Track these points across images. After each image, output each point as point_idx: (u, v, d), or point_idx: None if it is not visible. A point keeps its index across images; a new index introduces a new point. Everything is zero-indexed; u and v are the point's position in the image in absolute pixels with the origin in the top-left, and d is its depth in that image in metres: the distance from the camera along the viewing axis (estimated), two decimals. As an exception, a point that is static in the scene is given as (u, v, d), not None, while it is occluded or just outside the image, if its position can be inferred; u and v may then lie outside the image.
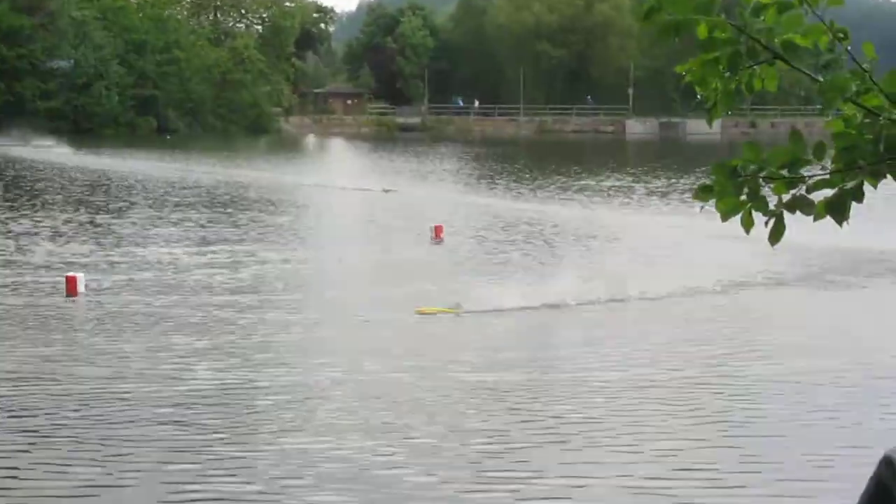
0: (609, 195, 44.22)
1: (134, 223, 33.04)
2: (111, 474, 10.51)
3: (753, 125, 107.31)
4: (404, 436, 11.74)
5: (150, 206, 38.34)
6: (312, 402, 13.10)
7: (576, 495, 10.07)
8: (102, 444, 11.40)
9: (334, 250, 28.19)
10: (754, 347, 16.45)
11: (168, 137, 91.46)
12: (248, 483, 10.25)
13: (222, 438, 11.61)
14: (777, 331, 17.70)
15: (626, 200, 42.15)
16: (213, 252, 26.84)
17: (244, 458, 10.96)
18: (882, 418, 12.47)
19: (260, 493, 10.01)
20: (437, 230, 29.69)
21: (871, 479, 1.97)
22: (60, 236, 29.54)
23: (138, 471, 10.58)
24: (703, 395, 13.66)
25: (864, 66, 2.82)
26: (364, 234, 32.23)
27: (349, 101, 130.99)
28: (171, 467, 10.68)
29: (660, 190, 46.34)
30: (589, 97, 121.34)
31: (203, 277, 22.79)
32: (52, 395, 13.44)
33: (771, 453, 11.27)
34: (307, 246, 28.95)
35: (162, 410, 12.67)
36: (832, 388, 13.94)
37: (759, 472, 10.72)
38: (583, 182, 50.20)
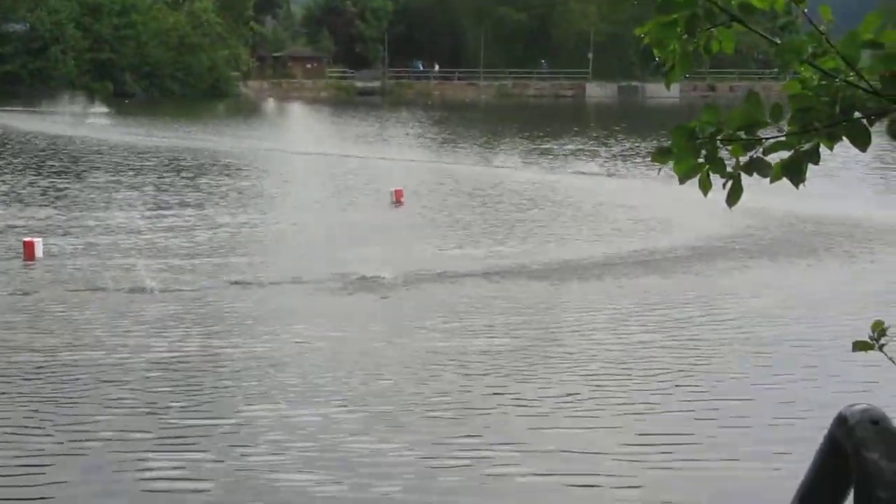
0: (571, 158, 44.28)
1: (92, 188, 32.80)
2: (64, 443, 10.45)
3: (713, 88, 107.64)
4: (365, 403, 11.75)
5: (109, 171, 38.06)
6: (273, 370, 13.07)
7: (536, 462, 10.10)
8: (57, 413, 11.34)
9: (293, 214, 28.09)
10: (715, 313, 16.54)
11: (126, 101, 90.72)
12: (205, 451, 10.22)
13: (182, 407, 11.57)
14: (737, 297, 17.79)
15: (589, 163, 42.20)
16: (173, 216, 26.73)
17: (204, 427, 10.94)
18: (840, 381, 12.58)
19: (218, 461, 9.98)
20: (398, 194, 29.66)
21: (826, 437, 1.99)
22: (18, 201, 29.31)
23: (94, 440, 10.53)
24: (666, 360, 13.74)
25: (821, 28, 2.82)
26: (323, 198, 32.11)
27: (308, 65, 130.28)
28: (128, 436, 10.62)
29: (622, 153, 46.45)
30: (543, 61, 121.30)
31: (162, 241, 22.71)
32: (9, 362, 13.36)
33: (732, 417, 11.37)
34: (266, 210, 28.81)
35: (120, 378, 12.63)
36: (792, 353, 14.07)
37: (719, 436, 10.83)
38: (545, 146, 50.23)
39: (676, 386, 12.53)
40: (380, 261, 19.57)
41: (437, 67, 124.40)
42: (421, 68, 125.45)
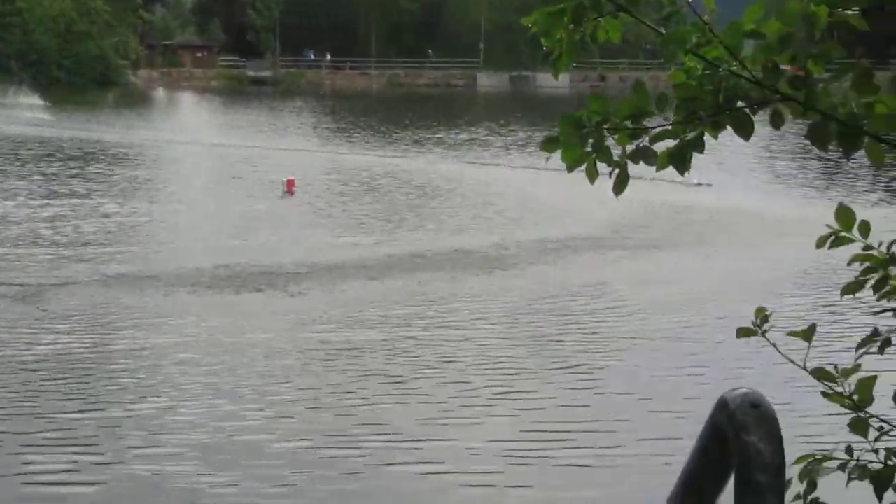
0: (464, 148, 44.36)
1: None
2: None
3: (603, 78, 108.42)
4: (256, 397, 11.67)
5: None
6: (162, 364, 12.90)
7: (430, 456, 10.11)
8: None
9: (183, 204, 27.78)
10: (608, 304, 16.69)
11: (11, 90, 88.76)
12: (99, 455, 10.02)
13: (71, 406, 11.34)
14: (629, 287, 17.98)
15: (481, 153, 42.32)
16: (60, 206, 26.26)
17: (93, 425, 10.75)
18: (728, 368, 12.77)
19: (109, 464, 9.80)
20: (289, 184, 29.48)
21: (707, 421, 2.02)
22: None
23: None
24: (561, 352, 13.84)
25: (705, 18, 2.85)
26: (214, 187, 31.78)
27: (198, 54, 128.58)
28: (12, 438, 10.41)
29: (515, 143, 46.59)
30: (430, 51, 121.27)
31: (47, 231, 22.31)
32: None
33: (624, 408, 11.50)
34: (156, 200, 28.43)
35: (16, 373, 12.38)
36: (682, 343, 14.27)
37: (613, 428, 10.96)
38: (438, 135, 50.23)
39: (571, 378, 12.62)
40: (269, 251, 19.44)
41: (328, 57, 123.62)
42: (312, 58, 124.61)
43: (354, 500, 9.06)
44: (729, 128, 2.88)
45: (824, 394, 3.08)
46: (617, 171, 2.95)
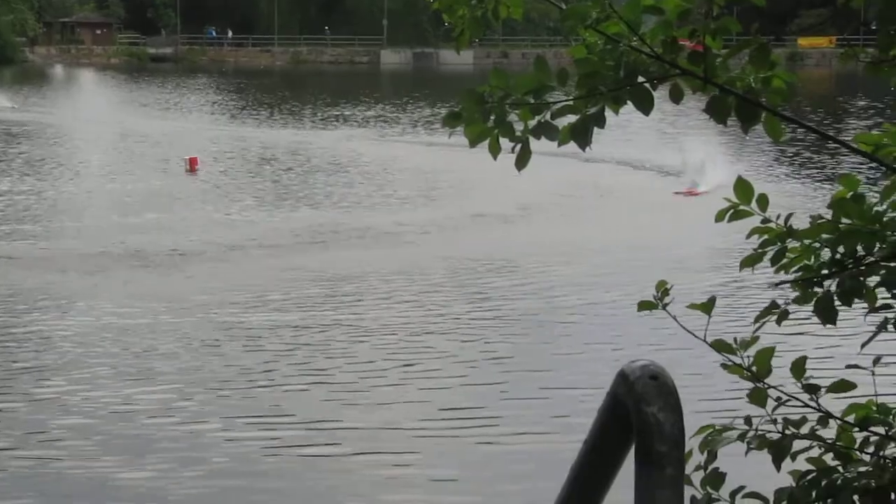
0: (370, 124, 44.23)
1: None
2: None
3: (505, 55, 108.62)
4: (159, 383, 11.50)
5: None
6: (62, 348, 12.67)
7: (343, 439, 10.08)
8: None
9: (81, 182, 27.39)
10: (518, 281, 16.73)
11: None
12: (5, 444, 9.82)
13: None
14: (540, 263, 18.05)
15: (387, 129, 42.25)
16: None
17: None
18: (632, 343, 12.85)
19: (5, 449, 9.63)
20: (192, 162, 29.18)
21: (608, 393, 2.03)
22: None
23: None
24: (472, 331, 13.83)
25: (605, -7, 2.86)
26: (114, 166, 31.32)
27: (98, 31, 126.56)
28: None
29: (421, 119, 46.51)
30: (327, 28, 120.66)
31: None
32: None
33: (536, 387, 11.56)
34: (53, 178, 27.97)
35: None
36: (589, 319, 14.39)
37: (522, 407, 11.02)
38: (345, 112, 49.99)
39: (482, 358, 12.61)
40: (169, 230, 19.24)
41: (230, 34, 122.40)
42: (214, 35, 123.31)
43: (261, 485, 9.01)
44: (629, 103, 2.90)
45: (724, 365, 3.12)
46: (519, 146, 2.96)
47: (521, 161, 2.97)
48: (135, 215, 21.61)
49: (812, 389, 3.08)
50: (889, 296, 3.06)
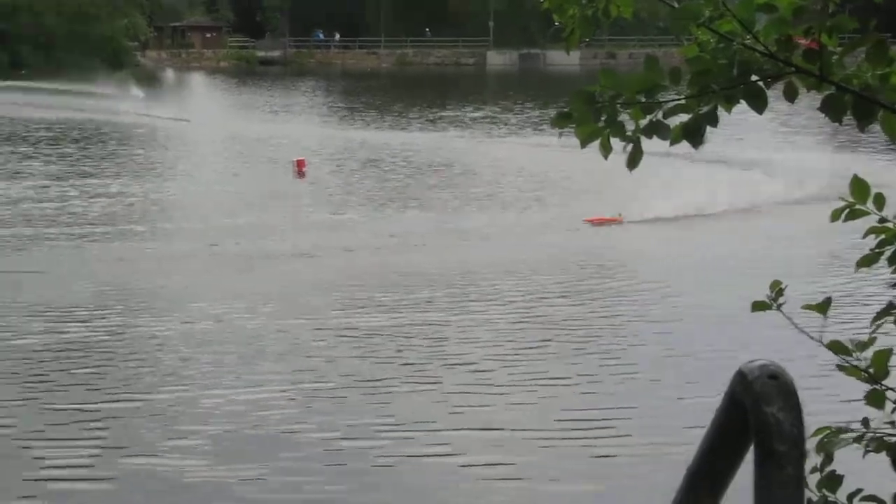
0: (477, 126, 44.22)
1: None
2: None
3: (612, 56, 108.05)
4: (275, 385, 11.48)
5: (8, 142, 37.32)
6: (181, 350, 12.75)
7: (455, 443, 10.04)
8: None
9: (193, 185, 27.85)
10: (634, 286, 16.56)
11: (23, 72, 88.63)
12: (121, 447, 9.83)
13: (94, 390, 11.22)
14: (660, 267, 17.87)
15: (495, 130, 42.21)
16: (70, 186, 26.32)
17: (117, 411, 10.61)
18: (749, 345, 12.65)
19: (121, 448, 9.72)
20: (300, 164, 29.43)
21: (725, 394, 2.02)
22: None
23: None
24: (588, 336, 13.68)
25: (718, -9, 2.84)
26: (225, 168, 31.76)
27: (208, 35, 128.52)
28: (18, 428, 10.29)
29: (529, 121, 46.35)
30: (427, 30, 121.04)
31: (57, 212, 22.35)
32: None
33: (649, 393, 11.45)
34: (167, 180, 28.47)
35: (22, 362, 12.30)
36: (706, 322, 14.16)
37: (634, 416, 10.93)
38: (453, 113, 50.03)
39: (595, 363, 12.47)
40: (278, 232, 19.38)
41: (337, 37, 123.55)
42: (321, 37, 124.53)
43: (373, 489, 9.01)
44: (742, 101, 2.87)
45: (840, 367, 3.08)
46: (631, 145, 2.94)
47: (633, 161, 2.96)
48: (243, 217, 21.86)
49: (932, 392, 3.02)
50: None
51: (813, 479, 2.97)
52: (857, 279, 14.28)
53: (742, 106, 2.89)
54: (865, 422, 3.05)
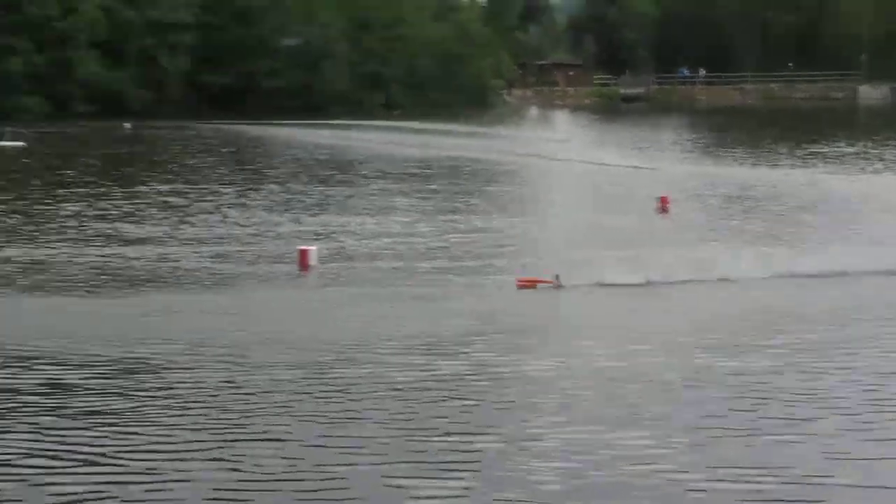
0: (849, 161, 42.47)
1: (371, 195, 33.46)
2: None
3: None
4: (676, 427, 10.73)
5: (382, 178, 38.73)
6: (570, 388, 12.18)
7: (821, 493, 9.33)
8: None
9: (557, 219, 28.10)
10: None
11: (395, 113, 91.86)
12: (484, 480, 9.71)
13: (452, 431, 10.78)
14: None
15: (868, 167, 40.47)
16: (445, 221, 26.91)
17: (473, 453, 10.16)
18: None
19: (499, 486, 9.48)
20: (663, 201, 28.93)
21: None
22: (291, 209, 29.89)
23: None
24: None
25: None
26: (586, 202, 31.76)
27: (570, 73, 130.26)
28: (325, 448, 10.25)
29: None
30: (790, 64, 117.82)
31: (434, 247, 22.86)
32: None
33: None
34: (533, 215, 28.72)
35: (378, 390, 12.40)
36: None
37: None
38: (821, 150, 48.27)
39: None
40: (648, 268, 18.83)
41: (702, 73, 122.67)
42: (686, 74, 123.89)
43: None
44: None
45: None
46: None
47: None
48: (606, 250, 21.38)
49: None
50: None
51: None
52: None
53: None
54: None
